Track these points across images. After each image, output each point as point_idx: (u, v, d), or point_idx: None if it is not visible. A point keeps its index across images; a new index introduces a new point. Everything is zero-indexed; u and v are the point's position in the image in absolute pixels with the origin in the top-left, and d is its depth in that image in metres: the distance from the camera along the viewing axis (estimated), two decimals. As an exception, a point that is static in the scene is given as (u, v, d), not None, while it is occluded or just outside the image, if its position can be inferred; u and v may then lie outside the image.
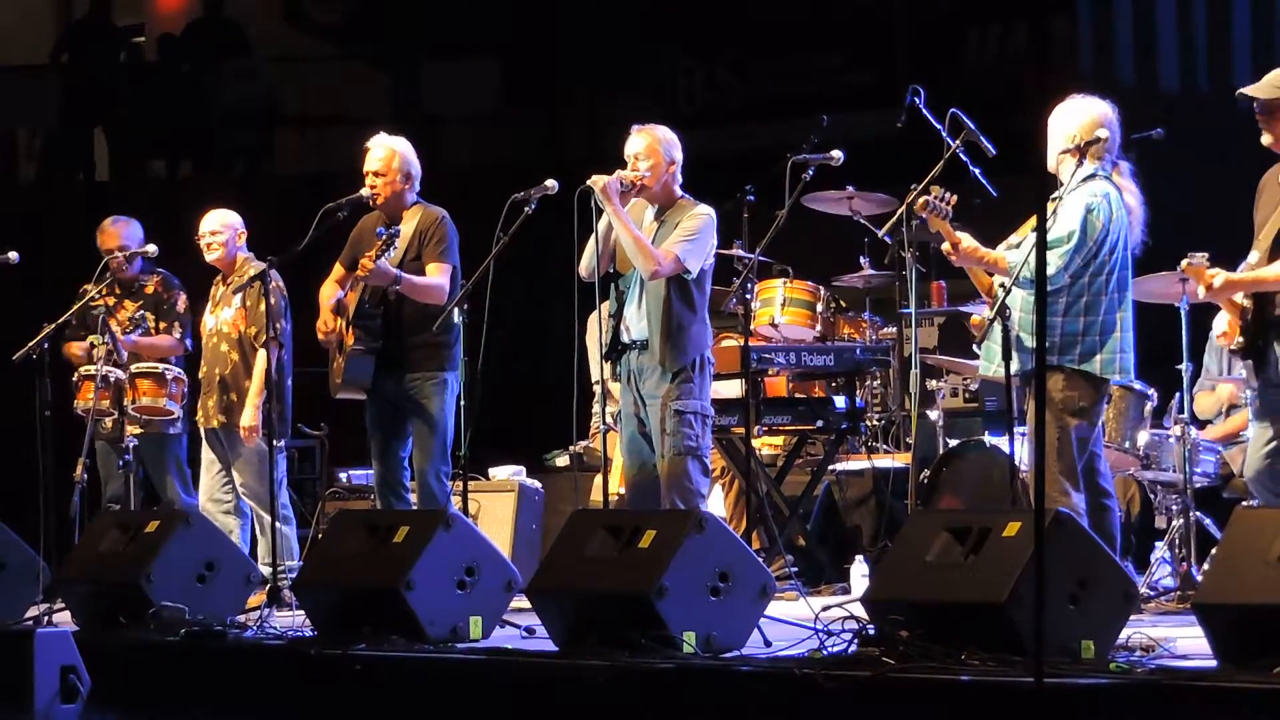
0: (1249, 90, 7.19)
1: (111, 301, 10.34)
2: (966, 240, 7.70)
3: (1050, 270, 7.57)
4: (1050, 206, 7.69)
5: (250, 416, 9.70)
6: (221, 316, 9.99)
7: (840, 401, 10.38)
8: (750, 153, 13.39)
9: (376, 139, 9.20)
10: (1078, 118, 7.75)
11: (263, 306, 9.73)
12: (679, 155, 8.54)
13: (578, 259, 8.46)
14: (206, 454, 10.04)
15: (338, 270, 9.29)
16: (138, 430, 10.15)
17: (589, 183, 8.32)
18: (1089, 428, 7.73)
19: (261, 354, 9.78)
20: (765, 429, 10.44)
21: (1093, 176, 7.73)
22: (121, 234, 10.36)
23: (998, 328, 7.56)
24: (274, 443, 9.17)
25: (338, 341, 9.08)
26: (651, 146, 8.46)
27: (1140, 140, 8.11)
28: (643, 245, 8.31)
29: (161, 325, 10.33)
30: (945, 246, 7.73)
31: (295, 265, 9.75)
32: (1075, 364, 7.65)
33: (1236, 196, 7.84)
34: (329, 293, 9.22)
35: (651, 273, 8.30)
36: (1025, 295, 7.63)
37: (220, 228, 10.04)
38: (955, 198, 7.63)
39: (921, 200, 7.59)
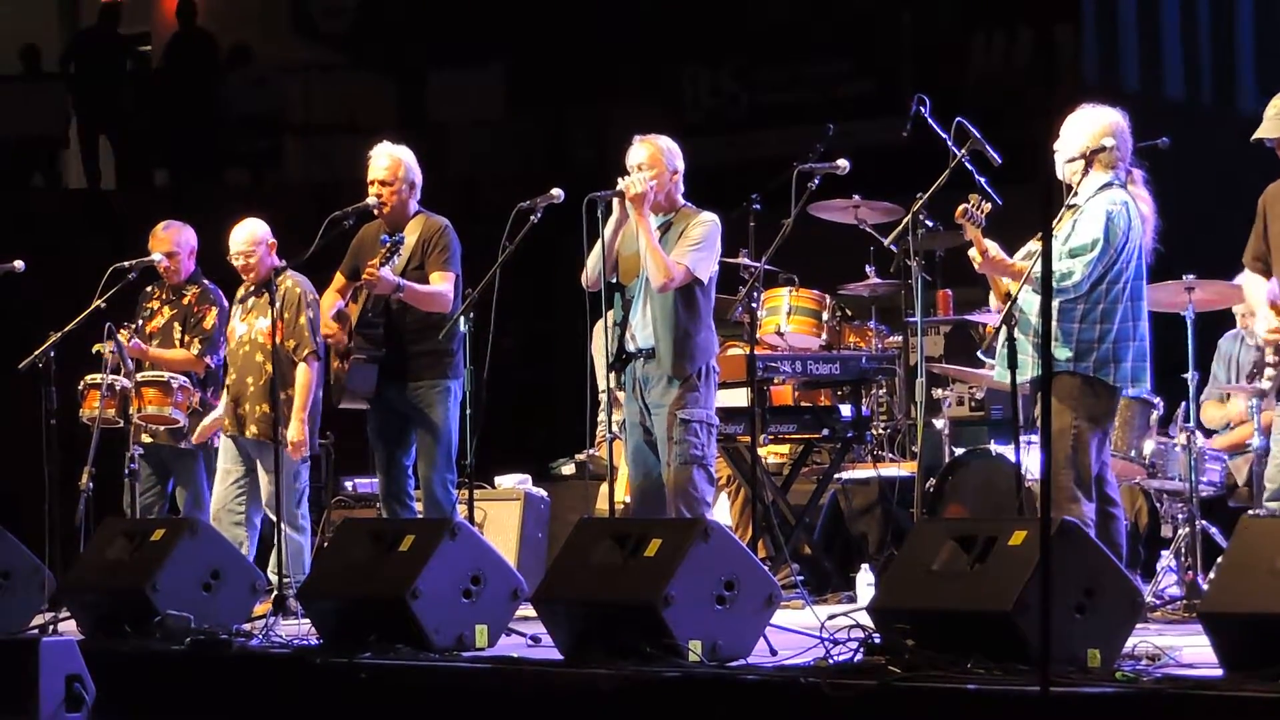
0: (1259, 134, 7.36)
1: (156, 305, 10.37)
2: (993, 249, 7.70)
3: (1077, 277, 7.59)
4: (1068, 215, 7.71)
5: (296, 432, 9.64)
6: (256, 326, 9.92)
7: (846, 410, 10.37)
8: (755, 162, 13.42)
9: (380, 148, 9.20)
10: (1086, 126, 7.77)
11: (303, 319, 9.71)
12: (681, 164, 8.54)
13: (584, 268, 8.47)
14: (224, 461, 9.99)
15: (338, 279, 9.29)
16: (177, 443, 10.18)
17: (622, 186, 8.29)
18: (1103, 436, 7.74)
19: (303, 368, 9.75)
20: (771, 437, 10.43)
21: (1109, 185, 7.74)
22: (173, 239, 10.34)
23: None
24: (279, 454, 9.15)
25: (340, 350, 9.08)
26: (654, 156, 8.46)
27: (1145, 149, 8.11)
28: (659, 256, 8.28)
29: (185, 338, 10.30)
30: (972, 253, 7.73)
31: (301, 274, 9.77)
32: (1090, 371, 7.65)
33: (1240, 205, 7.85)
34: (329, 302, 9.23)
35: (662, 285, 8.29)
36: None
37: (249, 246, 9.93)
38: (990, 205, 7.64)
39: (961, 208, 7.60)
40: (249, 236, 9.97)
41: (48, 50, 17.66)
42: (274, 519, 9.78)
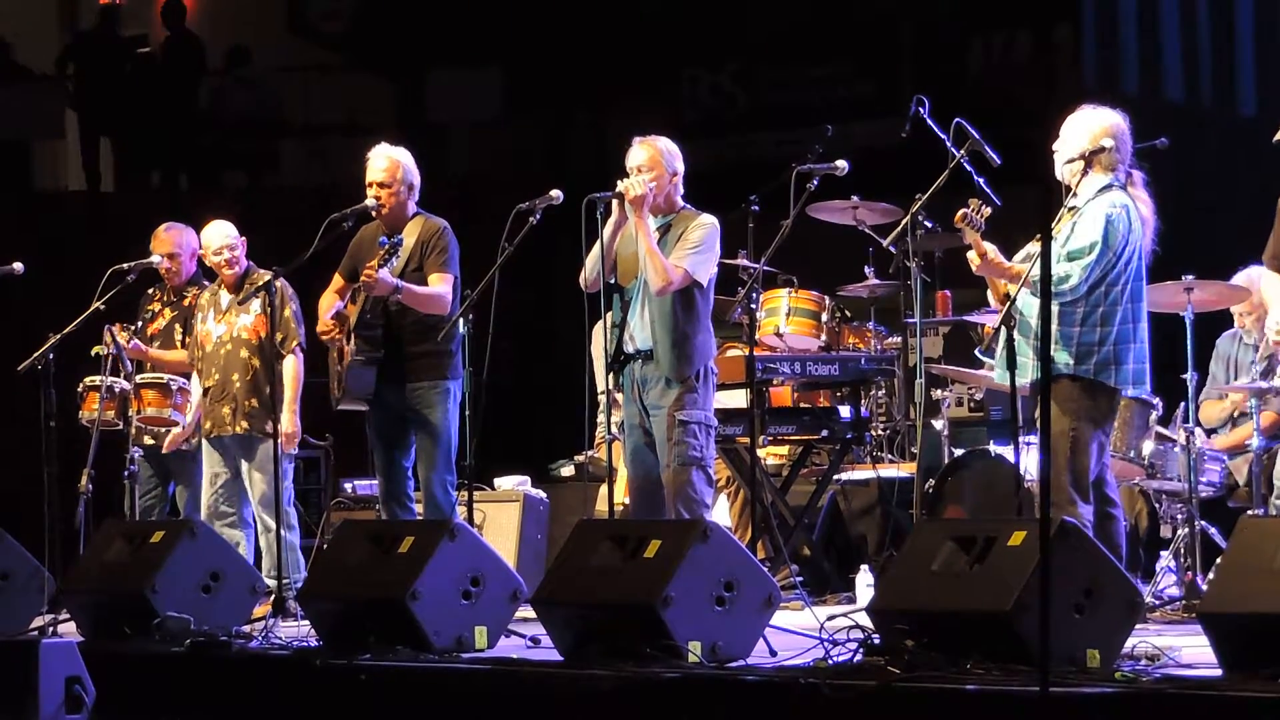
0: None
1: (157, 306, 10.38)
2: (992, 252, 7.70)
3: (1074, 281, 7.58)
4: (1067, 216, 7.70)
5: (289, 423, 9.67)
6: (238, 324, 9.95)
7: (845, 411, 10.36)
8: (754, 162, 13.45)
9: (378, 149, 9.20)
10: (1086, 127, 7.77)
11: (287, 312, 9.76)
12: (681, 166, 8.53)
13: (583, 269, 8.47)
14: (210, 465, 10.00)
15: (337, 281, 9.28)
16: (175, 446, 10.18)
17: (622, 188, 8.29)
18: (1103, 438, 7.73)
19: (290, 360, 9.79)
20: (770, 439, 10.42)
21: (1109, 188, 7.73)
22: (174, 241, 10.35)
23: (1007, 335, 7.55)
24: (278, 452, 9.14)
25: (338, 352, 9.07)
26: (654, 158, 8.45)
27: (1144, 149, 8.11)
28: (658, 260, 8.28)
29: (186, 340, 10.31)
30: (971, 255, 7.73)
31: (298, 276, 9.77)
32: (1091, 374, 7.64)
33: (1239, 206, 7.86)
34: (328, 304, 9.22)
35: (661, 288, 8.28)
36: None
37: (232, 240, 10.02)
38: (989, 210, 7.65)
39: (960, 213, 7.60)
40: (228, 233, 10.05)
41: (46, 51, 17.65)
42: (264, 518, 9.79)
